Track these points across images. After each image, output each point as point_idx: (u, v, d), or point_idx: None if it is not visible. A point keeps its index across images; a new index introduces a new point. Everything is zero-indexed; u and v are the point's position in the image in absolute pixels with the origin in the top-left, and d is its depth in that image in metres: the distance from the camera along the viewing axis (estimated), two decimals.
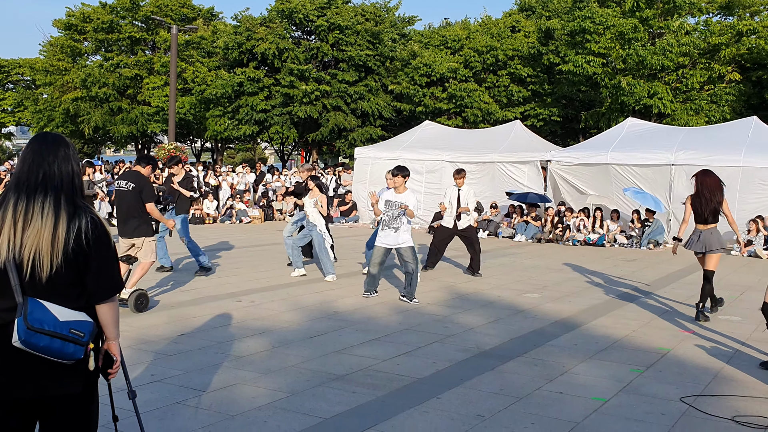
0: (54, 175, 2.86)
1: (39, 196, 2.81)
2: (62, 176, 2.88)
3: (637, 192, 16.70)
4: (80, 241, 2.80)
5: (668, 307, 9.34)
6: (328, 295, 9.49)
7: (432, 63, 32.28)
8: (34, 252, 2.75)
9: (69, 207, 2.83)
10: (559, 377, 5.95)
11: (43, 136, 2.96)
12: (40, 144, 2.92)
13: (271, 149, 60.62)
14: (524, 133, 22.13)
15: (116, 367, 3.01)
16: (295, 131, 32.93)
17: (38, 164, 2.86)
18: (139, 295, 8.20)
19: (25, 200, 2.80)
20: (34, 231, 2.76)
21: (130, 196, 8.34)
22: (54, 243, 2.76)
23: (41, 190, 2.82)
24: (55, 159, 2.88)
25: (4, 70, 44.22)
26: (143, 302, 8.23)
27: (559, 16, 31.73)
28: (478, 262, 11.74)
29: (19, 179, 2.86)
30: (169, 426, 4.64)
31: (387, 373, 5.94)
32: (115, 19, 36.43)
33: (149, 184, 8.49)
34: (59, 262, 2.77)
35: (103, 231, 2.88)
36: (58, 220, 2.78)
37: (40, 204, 2.79)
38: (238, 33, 32.79)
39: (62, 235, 2.77)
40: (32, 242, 2.75)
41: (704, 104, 27.35)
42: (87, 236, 2.81)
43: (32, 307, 2.72)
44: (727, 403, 5.37)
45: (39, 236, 2.75)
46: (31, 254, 2.75)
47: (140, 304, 8.19)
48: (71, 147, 2.96)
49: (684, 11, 27.59)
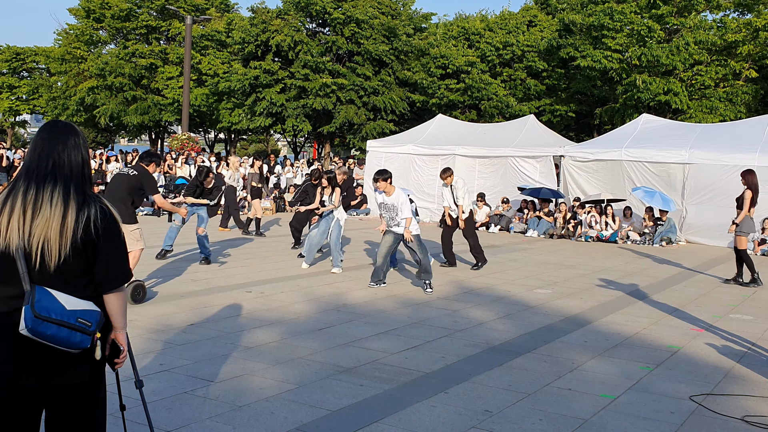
0: (64, 163, 2.85)
1: (48, 184, 2.80)
2: (72, 165, 2.86)
3: (646, 191, 16.60)
4: (89, 231, 2.79)
5: (679, 304, 9.28)
6: (338, 288, 9.49)
7: (449, 55, 32.19)
8: (43, 241, 2.75)
9: (78, 196, 2.82)
10: (568, 374, 5.92)
11: (52, 124, 2.95)
12: (49, 132, 2.90)
13: (283, 141, 60.71)
14: (537, 127, 22.02)
15: (123, 357, 3.01)
16: (309, 123, 32.95)
17: (48, 153, 2.85)
18: (136, 286, 8.13)
19: (35, 188, 2.79)
20: (43, 220, 2.75)
21: (126, 182, 8.31)
22: (63, 232, 2.76)
23: (51, 179, 2.81)
24: (65, 148, 2.87)
25: (20, 58, 44.46)
26: (140, 293, 8.17)
27: (575, 10, 31.55)
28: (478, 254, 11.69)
29: (29, 167, 2.85)
30: (177, 416, 4.65)
31: (395, 367, 5.93)
32: (133, 8, 36.54)
33: (152, 179, 8.51)
34: (68, 252, 2.77)
35: (112, 221, 2.87)
36: (67, 210, 2.77)
37: (50, 193, 2.78)
38: (254, 25, 32.79)
39: (71, 224, 2.77)
40: (41, 231, 2.75)
41: (718, 102, 27.13)
42: (96, 226, 2.80)
43: (40, 296, 2.72)
44: (737, 403, 5.33)
45: (48, 225, 2.75)
46: (39, 243, 2.74)
47: (137, 295, 8.13)
48: (81, 136, 2.95)
49: (701, 8, 27.37)
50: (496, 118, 31.36)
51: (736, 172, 16.45)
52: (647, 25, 26.11)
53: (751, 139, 17.27)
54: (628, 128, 20.16)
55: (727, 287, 10.83)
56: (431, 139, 21.57)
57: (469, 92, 32.26)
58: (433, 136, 21.92)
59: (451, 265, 11.81)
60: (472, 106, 33.26)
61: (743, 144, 17.02)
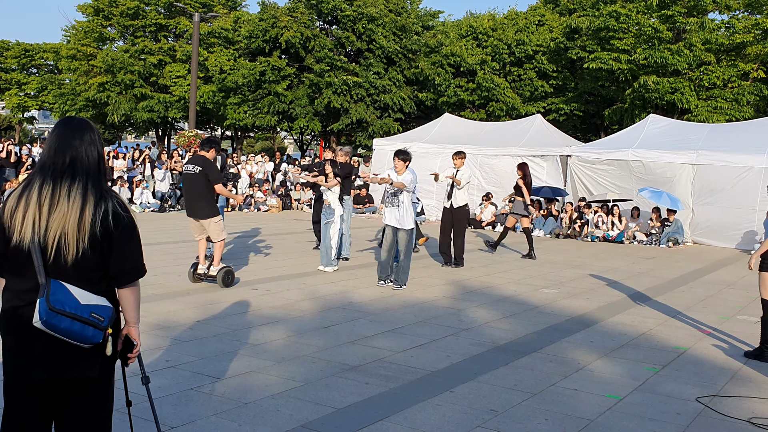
0: (81, 159, 2.86)
1: (66, 180, 2.82)
2: (89, 161, 2.88)
3: (653, 192, 16.55)
4: (106, 226, 2.81)
5: (686, 306, 9.26)
6: (343, 286, 9.49)
7: (461, 53, 32.18)
8: (60, 235, 2.77)
9: (95, 191, 2.84)
10: (574, 374, 5.91)
11: (68, 120, 2.96)
12: (65, 128, 2.92)
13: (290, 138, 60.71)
14: (544, 127, 21.98)
15: (136, 351, 3.03)
16: (318, 122, 32.95)
17: (64, 149, 2.86)
18: (226, 271, 8.81)
19: (51, 184, 2.81)
20: (60, 214, 2.77)
21: (196, 180, 8.75)
22: (80, 227, 2.78)
23: (68, 175, 2.83)
24: (82, 143, 2.89)
25: (28, 55, 44.57)
26: (230, 278, 8.87)
27: (584, 10, 31.49)
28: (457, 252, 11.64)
29: (45, 163, 2.87)
30: (183, 412, 4.66)
31: (400, 365, 5.93)
32: (141, 5, 36.61)
33: (214, 167, 8.90)
34: (85, 246, 2.79)
35: (128, 216, 2.90)
36: (85, 204, 2.80)
37: (67, 188, 2.80)
38: (263, 20, 32.80)
39: (89, 219, 2.79)
40: (58, 225, 2.77)
41: (724, 103, 27.04)
42: (113, 220, 2.83)
43: (55, 289, 2.74)
44: (744, 405, 5.31)
45: (65, 220, 2.77)
46: (56, 237, 2.77)
47: (228, 280, 8.81)
48: (96, 131, 2.96)
49: (709, 8, 27.27)
50: (503, 118, 31.32)
51: (743, 173, 16.43)
52: (653, 26, 26.04)
53: (759, 140, 17.20)
54: (636, 129, 20.11)
55: (733, 289, 10.79)
56: (438, 138, 21.54)
57: (479, 91, 32.24)
58: (440, 135, 21.90)
59: (446, 263, 11.79)
60: (481, 106, 33.23)
61: (751, 145, 16.95)
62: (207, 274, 8.94)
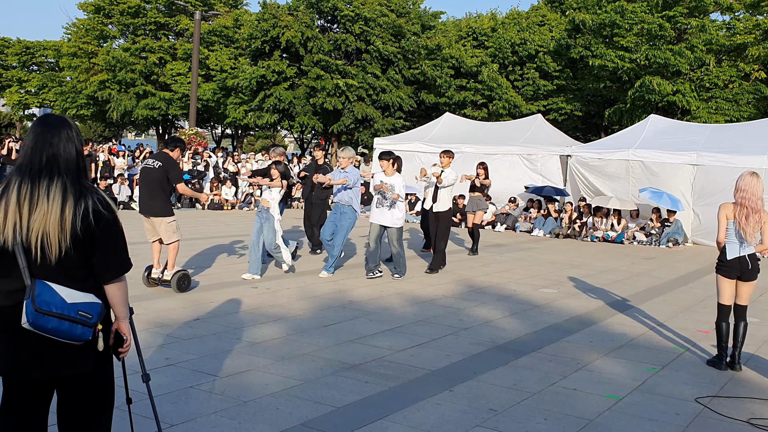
0: (58, 156, 2.83)
1: (44, 179, 2.78)
2: (66, 158, 2.84)
3: (654, 192, 16.55)
4: (88, 222, 2.79)
5: (685, 306, 9.26)
6: (343, 285, 9.50)
7: (460, 56, 32.15)
8: (42, 235, 2.74)
9: (75, 188, 2.81)
10: (573, 373, 5.91)
11: (45, 118, 2.92)
12: (42, 126, 2.87)
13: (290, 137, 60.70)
14: (545, 126, 21.99)
15: (127, 346, 3.01)
16: (318, 121, 32.94)
17: (41, 147, 2.82)
18: (181, 276, 8.41)
19: (30, 183, 2.77)
20: (41, 214, 2.74)
21: (154, 174, 8.43)
22: (62, 225, 2.75)
23: (46, 173, 2.79)
24: (59, 141, 2.84)
25: (29, 52, 44.58)
26: (185, 282, 8.45)
27: (587, 8, 31.46)
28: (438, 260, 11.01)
29: (22, 163, 2.83)
30: (182, 410, 4.67)
31: (400, 364, 5.93)
32: (142, 4, 36.62)
33: (176, 166, 8.60)
34: (68, 244, 2.77)
35: (110, 211, 2.86)
36: (65, 203, 2.76)
37: (46, 187, 2.77)
38: (264, 20, 32.79)
39: (69, 217, 2.76)
40: (39, 225, 2.74)
41: (724, 103, 27.04)
42: (94, 217, 2.80)
43: (40, 290, 2.72)
44: (743, 405, 5.31)
45: (46, 219, 2.74)
46: (39, 237, 2.74)
47: (183, 284, 8.41)
48: (74, 128, 2.92)
49: (711, 8, 27.27)
50: (505, 118, 31.32)
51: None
52: (658, 23, 26.00)
53: (760, 141, 17.19)
54: (636, 129, 20.11)
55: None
56: (438, 138, 21.55)
57: (483, 90, 32.24)
58: (441, 134, 21.91)
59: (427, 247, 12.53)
60: (482, 105, 33.23)
61: (752, 146, 16.95)
62: (161, 279, 8.51)
